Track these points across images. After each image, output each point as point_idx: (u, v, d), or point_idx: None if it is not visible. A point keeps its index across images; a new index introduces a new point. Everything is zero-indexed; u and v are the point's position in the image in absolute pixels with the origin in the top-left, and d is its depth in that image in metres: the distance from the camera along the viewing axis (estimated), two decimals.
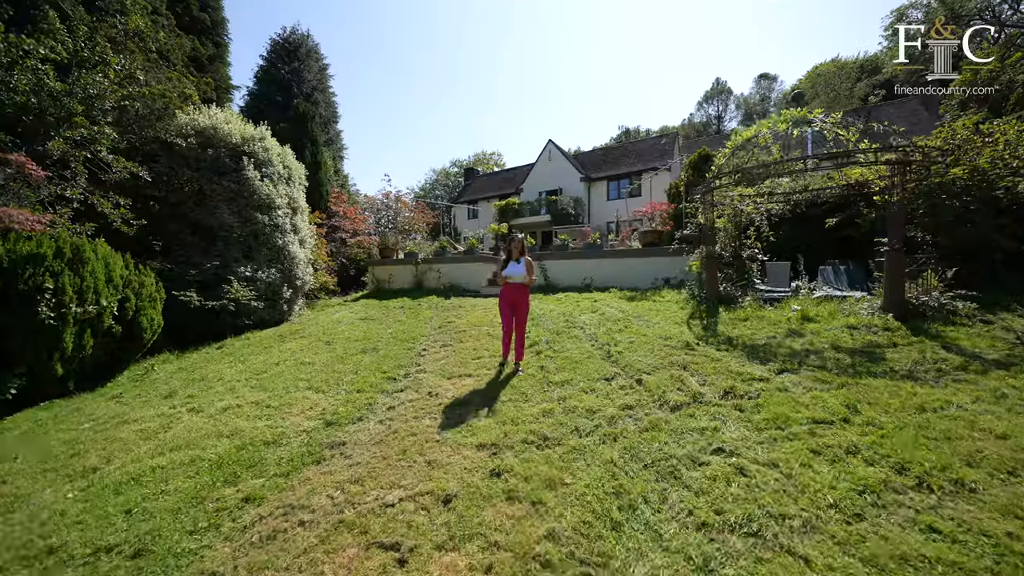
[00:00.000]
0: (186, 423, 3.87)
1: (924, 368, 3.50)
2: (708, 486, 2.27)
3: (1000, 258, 5.95)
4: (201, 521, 2.36)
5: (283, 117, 20.92)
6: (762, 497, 2.14)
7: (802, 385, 3.41)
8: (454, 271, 11.91)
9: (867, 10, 57.68)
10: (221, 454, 3.13)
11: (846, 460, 2.38)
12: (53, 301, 4.88)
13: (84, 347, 5.27)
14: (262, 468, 2.91)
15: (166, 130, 8.16)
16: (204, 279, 7.87)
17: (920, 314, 4.88)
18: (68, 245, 5.19)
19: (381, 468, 2.77)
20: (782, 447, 2.57)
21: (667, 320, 6.03)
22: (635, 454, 2.67)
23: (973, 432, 2.48)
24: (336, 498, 2.48)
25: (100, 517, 2.44)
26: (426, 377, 4.56)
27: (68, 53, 6.68)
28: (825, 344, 4.35)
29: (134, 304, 5.94)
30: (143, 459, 3.16)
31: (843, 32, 65.83)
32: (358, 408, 3.84)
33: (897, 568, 1.64)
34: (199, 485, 2.73)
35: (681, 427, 2.93)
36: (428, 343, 6.04)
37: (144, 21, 8.78)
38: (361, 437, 3.26)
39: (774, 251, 8.33)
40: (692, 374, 3.87)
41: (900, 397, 3.01)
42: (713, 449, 2.62)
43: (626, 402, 3.42)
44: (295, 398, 4.25)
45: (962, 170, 6.05)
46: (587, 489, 2.35)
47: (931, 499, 2.00)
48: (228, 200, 8.46)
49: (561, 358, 4.75)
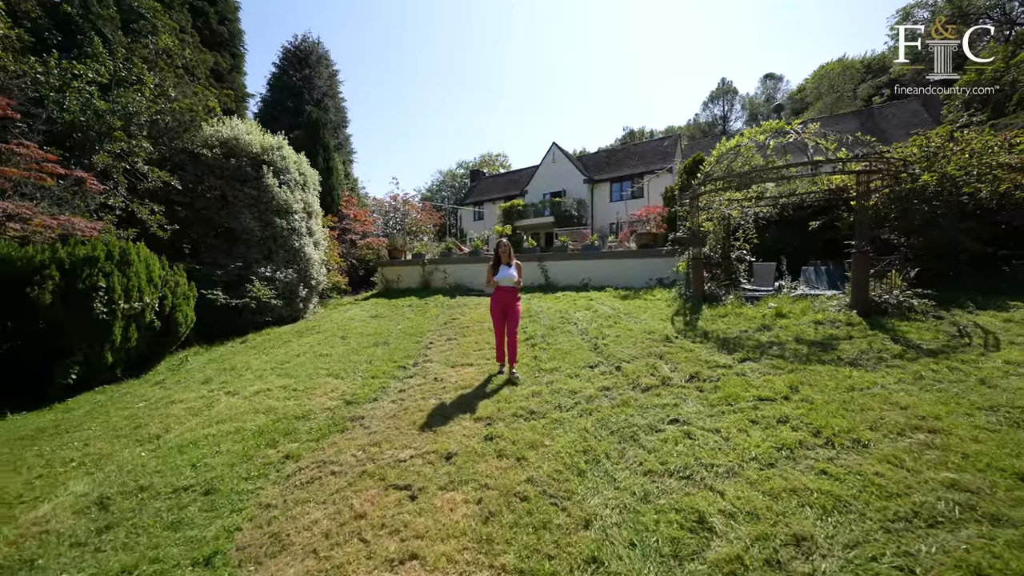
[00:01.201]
0: (225, 403, 4.48)
1: (867, 356, 3.99)
2: (659, 446, 2.81)
3: (965, 259, 6.37)
4: (252, 472, 2.95)
5: (295, 123, 21.73)
6: (700, 453, 2.66)
7: (758, 371, 3.92)
8: (459, 271, 12.50)
9: (876, 9, 57.30)
10: (260, 426, 3.73)
11: (776, 427, 2.89)
12: (105, 298, 5.54)
13: (130, 339, 5.93)
14: (296, 436, 3.50)
15: (192, 141, 8.85)
16: (228, 279, 8.54)
17: (882, 311, 5.34)
18: (116, 249, 5.85)
19: (395, 435, 3.34)
20: (727, 418, 3.09)
21: (654, 317, 6.54)
22: (605, 424, 3.21)
23: (884, 405, 2.98)
24: (359, 456, 3.05)
25: (172, 468, 3.04)
26: (432, 366, 5.13)
27: (109, 74, 7.38)
28: (789, 337, 4.84)
29: (171, 301, 6.60)
30: (195, 429, 3.78)
31: (851, 31, 65.35)
32: (373, 391, 4.42)
33: (786, 496, 2.17)
34: (246, 448, 3.33)
35: (647, 404, 3.47)
36: (434, 337, 6.62)
37: (172, 40, 9.49)
38: (377, 413, 3.84)
39: (763, 252, 8.77)
40: (666, 362, 4.39)
41: (837, 379, 3.51)
42: (670, 420, 3.15)
43: (604, 385, 3.95)
44: (317, 383, 4.85)
45: (931, 176, 6.48)
46: (562, 449, 2.90)
47: (831, 453, 2.52)
48: (249, 206, 9.13)
49: (553, 350, 5.29)
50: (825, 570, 1.71)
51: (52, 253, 5.27)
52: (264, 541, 2.24)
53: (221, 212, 8.99)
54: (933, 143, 7.08)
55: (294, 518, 2.41)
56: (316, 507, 2.50)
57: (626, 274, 10.31)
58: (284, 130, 16.41)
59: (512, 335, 4.49)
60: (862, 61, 42.05)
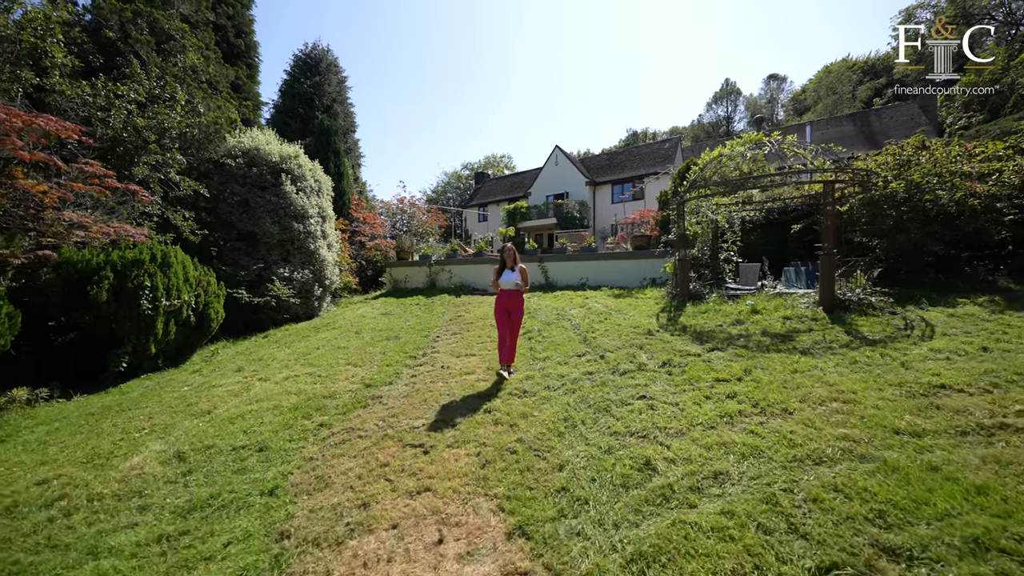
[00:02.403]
0: (260, 387, 5.16)
1: (819, 346, 4.56)
2: (626, 415, 3.42)
3: (932, 260, 6.89)
4: (294, 436, 3.61)
5: (305, 128, 22.57)
6: (658, 420, 3.28)
7: (722, 358, 4.51)
8: (464, 272, 13.15)
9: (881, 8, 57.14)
10: (294, 403, 4.39)
11: (724, 401, 3.49)
12: (150, 296, 6.25)
13: (170, 333, 6.65)
14: (325, 410, 4.16)
15: (216, 151, 9.58)
16: (250, 279, 9.26)
17: (845, 307, 5.90)
18: (159, 252, 6.57)
19: (409, 409, 3.99)
20: (686, 394, 3.70)
21: (641, 313, 7.13)
22: (584, 400, 3.83)
23: (816, 383, 3.57)
24: (380, 424, 3.70)
25: (227, 433, 3.71)
26: (439, 356, 5.78)
27: (146, 93, 8.12)
28: (757, 330, 5.42)
29: (203, 299, 7.31)
30: (239, 406, 4.45)
31: (856, 31, 65.16)
32: (388, 376, 5.08)
33: (717, 448, 2.77)
34: (285, 419, 3.99)
35: (622, 384, 4.08)
36: (441, 332, 7.27)
37: (198, 57, 10.23)
38: (393, 393, 4.49)
39: (748, 253, 9.33)
40: (644, 352, 5.00)
41: (785, 365, 4.10)
42: (639, 396, 3.77)
43: (588, 370, 4.57)
44: (338, 370, 5.51)
45: (900, 184, 7.01)
46: (547, 418, 3.52)
47: (763, 419, 3.12)
48: (270, 211, 9.85)
49: (547, 342, 5.91)
50: (731, 492, 2.32)
51: (107, 256, 6.00)
52: (311, 481, 2.89)
53: (243, 217, 9.71)
54: (906, 152, 7.62)
55: (332, 466, 3.06)
56: (349, 459, 3.15)
57: (621, 274, 10.90)
58: (295, 135, 17.27)
59: (513, 337, 4.66)
60: (866, 61, 42.22)
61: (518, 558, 2.03)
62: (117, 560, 2.19)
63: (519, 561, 2.01)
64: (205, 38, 11.32)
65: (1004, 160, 6.94)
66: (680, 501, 2.30)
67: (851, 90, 29.63)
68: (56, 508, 2.71)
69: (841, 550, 1.81)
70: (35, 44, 6.13)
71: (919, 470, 2.25)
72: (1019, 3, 28.56)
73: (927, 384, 3.27)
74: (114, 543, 2.33)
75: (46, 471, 3.21)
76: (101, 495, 2.83)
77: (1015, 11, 28.88)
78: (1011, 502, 1.94)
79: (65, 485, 2.97)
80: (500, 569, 1.98)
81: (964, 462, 2.27)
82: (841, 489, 2.19)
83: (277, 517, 2.49)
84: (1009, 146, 7.36)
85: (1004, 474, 2.15)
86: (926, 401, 3.03)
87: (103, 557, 2.21)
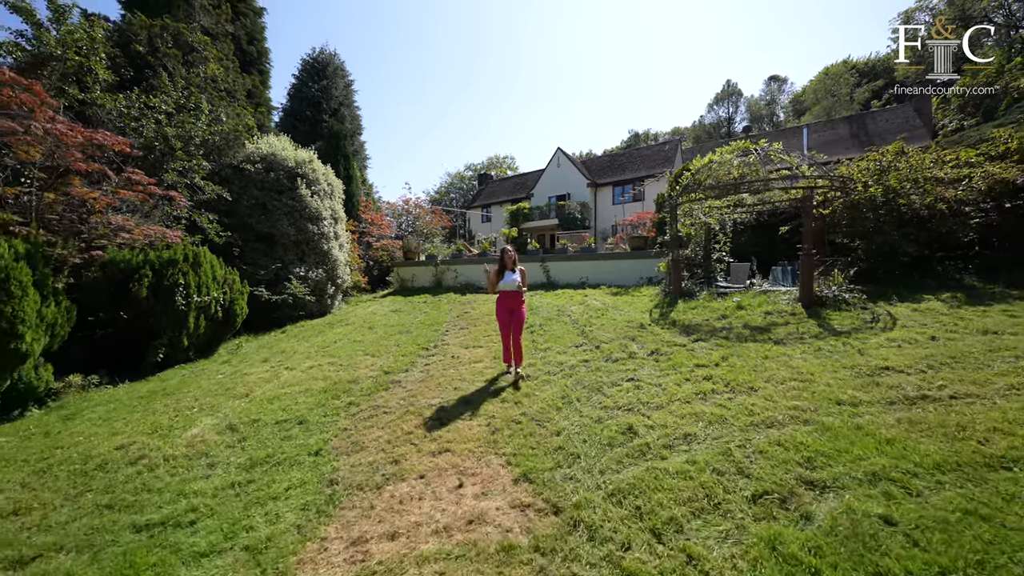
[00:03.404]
0: (288, 375, 5.71)
1: (792, 337, 5.08)
2: (616, 394, 3.95)
3: (906, 260, 7.39)
4: (327, 412, 4.16)
5: (313, 131, 23.16)
6: (642, 397, 3.81)
7: (704, 348, 5.04)
8: (469, 271, 13.70)
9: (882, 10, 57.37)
10: (322, 387, 4.94)
11: (701, 382, 4.02)
12: (183, 293, 6.82)
13: (200, 327, 7.21)
14: (351, 392, 4.71)
15: (235, 157, 10.16)
16: (269, 278, 9.84)
17: (822, 303, 6.40)
18: (191, 252, 7.14)
19: (425, 391, 4.53)
20: (669, 377, 4.23)
21: (636, 310, 7.66)
22: (580, 382, 4.36)
23: (782, 367, 4.09)
24: (401, 402, 4.25)
25: (268, 411, 4.26)
26: (449, 347, 6.32)
27: (174, 103, 8.70)
28: (739, 324, 5.94)
29: (229, 296, 7.88)
30: (273, 390, 5.01)
31: (856, 32, 65.38)
32: (404, 365, 5.62)
33: (689, 416, 3.30)
34: (317, 400, 4.54)
35: (614, 369, 4.61)
36: (449, 327, 7.81)
37: (218, 67, 10.82)
38: (409, 378, 5.04)
39: (742, 253, 9.83)
40: (635, 343, 5.53)
41: (759, 352, 4.62)
42: (627, 379, 4.30)
43: (584, 358, 5.10)
44: (358, 360, 6.07)
45: (877, 189, 7.51)
46: (547, 397, 4.06)
47: (731, 395, 3.64)
48: (286, 214, 10.42)
49: (548, 335, 6.45)
50: (696, 448, 2.85)
51: (145, 256, 6.57)
52: (348, 445, 3.44)
53: (261, 219, 10.28)
54: (886, 158, 8.11)
55: (364, 434, 3.61)
56: (377, 429, 3.70)
57: (619, 273, 11.42)
58: (304, 138, 17.87)
59: (516, 337, 4.68)
60: (867, 63, 42.55)
61: (522, 495, 2.57)
62: (202, 499, 2.74)
63: (523, 497, 2.55)
64: (224, 48, 11.91)
65: (974, 167, 7.43)
66: (654, 455, 2.83)
67: (849, 92, 30.02)
68: (140, 465, 3.27)
69: (773, 483, 2.34)
70: (80, 62, 6.70)
71: (847, 429, 2.78)
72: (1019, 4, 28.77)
73: (874, 366, 3.79)
74: (196, 488, 2.88)
75: (120, 439, 3.77)
76: (174, 456, 3.39)
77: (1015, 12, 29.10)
78: (908, 449, 2.46)
79: (141, 449, 3.53)
80: (508, 503, 2.52)
81: (883, 423, 2.80)
82: (783, 444, 2.72)
83: (325, 470, 3.04)
84: (980, 153, 7.86)
85: (911, 431, 2.67)
86: (869, 380, 3.55)
87: (191, 497, 2.77)
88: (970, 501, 2.01)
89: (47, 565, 2.19)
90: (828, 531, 1.95)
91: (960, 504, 2.00)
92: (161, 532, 2.43)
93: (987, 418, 2.70)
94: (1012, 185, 6.70)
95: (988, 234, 7.11)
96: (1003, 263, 6.67)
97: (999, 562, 1.67)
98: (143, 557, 2.20)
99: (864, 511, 2.02)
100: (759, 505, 2.21)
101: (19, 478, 3.15)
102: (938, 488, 2.14)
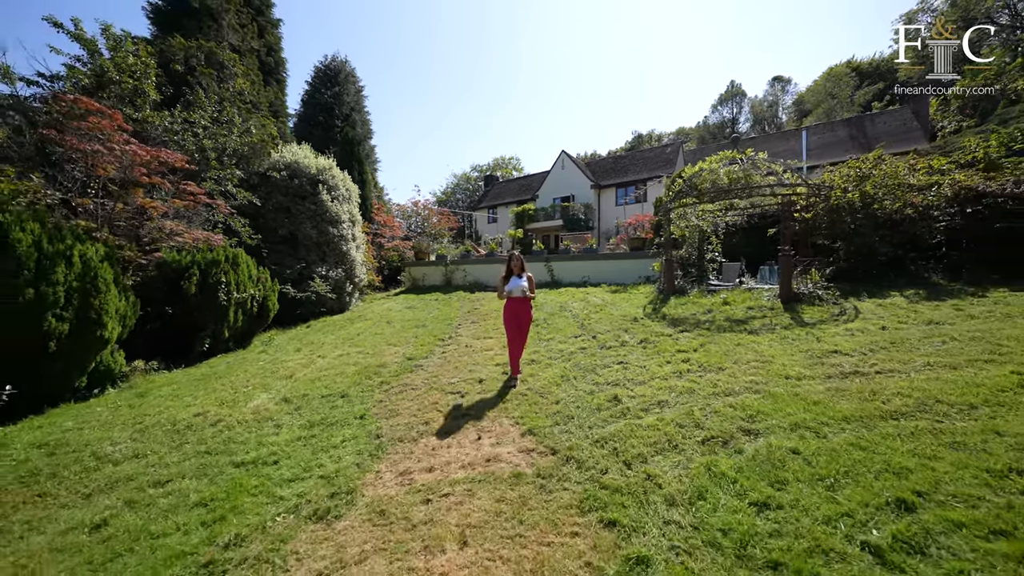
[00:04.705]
0: (321, 362, 6.50)
1: (765, 327, 5.77)
2: (606, 373, 4.68)
3: (883, 259, 8.02)
4: (364, 389, 4.93)
5: (326, 136, 24.05)
6: (629, 375, 4.53)
7: (687, 337, 5.74)
8: (477, 271, 14.46)
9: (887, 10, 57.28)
10: (355, 370, 5.72)
11: (679, 364, 4.73)
12: (225, 289, 7.64)
13: (238, 320, 8.04)
14: (381, 374, 5.48)
15: (261, 165, 11.01)
16: (294, 276, 10.68)
17: (799, 299, 7.07)
18: (231, 254, 7.97)
19: (445, 372, 5.29)
20: (653, 360, 4.94)
21: (632, 305, 8.37)
22: (577, 365, 5.09)
23: (749, 352, 4.79)
24: (425, 381, 5.01)
25: (313, 388, 5.05)
26: (463, 338, 7.08)
27: (210, 118, 9.55)
28: (722, 317, 6.63)
29: (262, 293, 8.70)
30: (313, 373, 5.79)
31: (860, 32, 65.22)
32: (424, 352, 6.39)
33: (666, 390, 4.02)
34: (352, 380, 5.31)
35: (607, 355, 5.34)
36: (461, 321, 8.57)
37: (245, 82, 11.67)
38: (430, 363, 5.80)
39: (735, 254, 10.48)
40: (628, 333, 6.25)
41: (733, 340, 5.32)
42: (618, 362, 5.02)
43: (582, 346, 5.83)
44: (382, 349, 6.84)
45: (855, 194, 8.15)
46: (548, 377, 4.79)
47: (702, 373, 4.35)
48: (309, 217, 11.26)
49: (551, 328, 7.19)
50: (666, 411, 3.57)
51: (192, 257, 7.40)
52: (385, 412, 4.20)
53: (285, 222, 11.13)
54: (866, 165, 8.74)
55: (397, 404, 4.37)
56: (408, 401, 4.46)
57: (619, 273, 12.12)
58: (317, 143, 18.73)
59: (521, 344, 4.75)
60: (870, 63, 42.72)
61: (528, 444, 3.31)
62: (278, 448, 3.51)
63: (529, 445, 3.29)
64: (249, 63, 12.78)
65: (945, 174, 8.04)
66: (632, 415, 3.56)
67: (849, 94, 30.38)
68: (219, 426, 4.06)
69: (720, 431, 3.06)
70: (135, 85, 7.56)
71: (787, 395, 3.49)
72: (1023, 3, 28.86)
73: (825, 350, 4.49)
74: (271, 440, 3.66)
75: (195, 409, 4.57)
76: (244, 420, 4.18)
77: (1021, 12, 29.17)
78: (827, 408, 3.17)
79: (216, 415, 4.33)
80: (517, 449, 3.26)
81: (816, 391, 3.51)
82: (734, 407, 3.43)
83: (370, 429, 3.81)
84: (952, 161, 8.46)
85: (835, 395, 3.38)
86: (817, 360, 4.25)
87: (269, 446, 3.54)
88: (858, 439, 2.72)
89: (178, 486, 2.97)
90: (750, 458, 2.67)
91: (849, 440, 2.71)
92: (254, 468, 3.20)
93: (896, 386, 3.40)
94: (974, 192, 7.31)
95: (957, 236, 7.72)
96: (966, 263, 7.28)
97: (859, 471, 2.38)
98: (247, 481, 2.97)
99: (779, 446, 2.74)
100: (706, 445, 2.94)
101: (127, 435, 3.96)
102: (840, 432, 2.85)
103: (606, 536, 2.16)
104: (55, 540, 2.42)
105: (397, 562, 2.11)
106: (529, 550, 2.12)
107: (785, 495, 2.29)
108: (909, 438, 2.68)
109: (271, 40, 18.17)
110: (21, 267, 4.51)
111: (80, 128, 5.46)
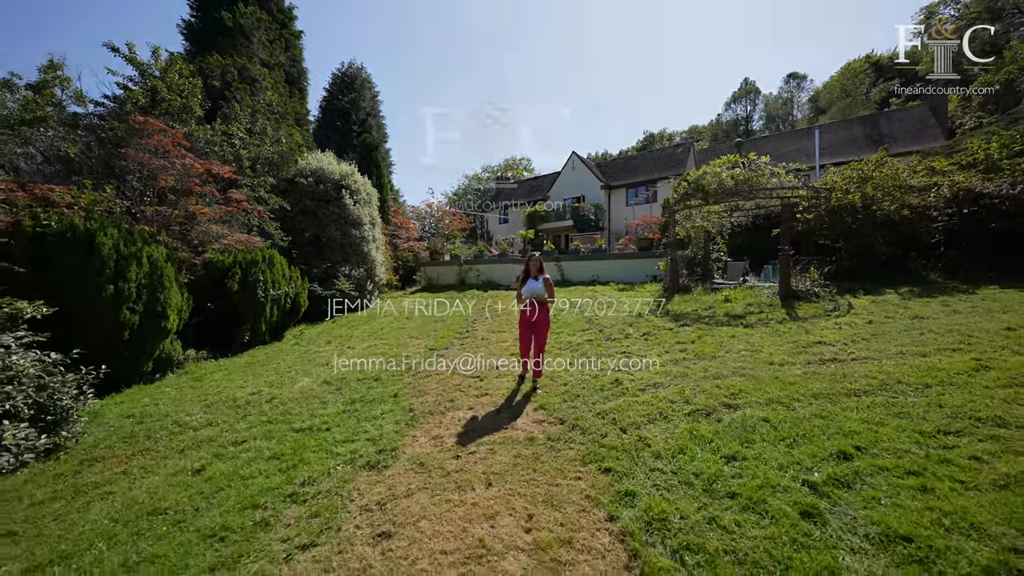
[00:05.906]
0: (351, 352, 7.16)
1: (760, 322, 6.21)
2: (610, 361, 5.20)
3: (882, 258, 8.33)
4: (393, 373, 5.55)
5: (343, 140, 24.98)
6: (630, 363, 5.04)
7: (687, 330, 6.22)
8: (490, 270, 15.06)
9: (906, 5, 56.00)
10: (384, 359, 6.35)
11: (676, 353, 5.22)
12: (263, 287, 8.38)
13: (273, 315, 8.78)
14: (408, 360, 6.10)
15: (288, 171, 11.79)
16: (320, 275, 11.43)
17: (797, 296, 7.46)
18: (267, 255, 8.71)
19: (464, 360, 5.88)
20: (654, 350, 5.44)
21: (638, 303, 8.84)
22: (584, 355, 5.62)
23: (741, 343, 5.25)
24: (448, 366, 5.61)
25: (348, 373, 5.69)
26: (479, 332, 7.67)
27: (245, 130, 10.35)
28: (721, 313, 7.08)
29: (294, 290, 9.44)
30: (345, 361, 6.44)
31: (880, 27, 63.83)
32: (444, 344, 6.99)
33: (662, 374, 4.53)
34: (381, 366, 5.94)
35: (611, 346, 5.85)
36: (476, 317, 9.17)
37: (274, 94, 12.50)
38: (450, 352, 6.40)
39: (740, 253, 10.86)
40: (632, 327, 6.74)
41: (728, 333, 5.78)
42: (621, 352, 5.54)
43: (589, 339, 6.36)
44: (406, 342, 7.48)
45: (856, 196, 8.48)
46: (559, 364, 5.34)
47: (696, 361, 4.84)
48: (333, 220, 12.00)
49: (561, 323, 7.72)
50: (661, 391, 4.09)
51: (234, 258, 8.15)
52: (414, 392, 4.80)
53: (310, 225, 11.89)
54: (868, 167, 9.05)
55: (424, 386, 4.97)
56: (433, 383, 5.06)
57: (627, 272, 12.57)
58: (335, 147, 19.58)
59: (538, 350, 4.51)
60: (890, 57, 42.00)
61: (540, 416, 3.87)
62: (327, 418, 4.14)
63: (540, 417, 3.85)
64: (276, 76, 13.63)
65: (945, 175, 8.30)
66: (630, 394, 4.09)
67: (865, 92, 30.05)
68: (274, 402, 4.72)
69: (704, 406, 3.57)
70: (183, 103, 8.36)
71: (768, 377, 3.97)
72: None
73: (811, 341, 4.93)
74: (321, 413, 4.30)
75: (249, 388, 5.25)
76: (294, 397, 4.84)
77: None
78: (801, 387, 3.65)
79: (269, 394, 4.99)
80: (531, 420, 3.82)
81: (794, 373, 3.98)
82: (721, 388, 3.93)
83: (404, 404, 4.41)
84: (953, 162, 8.71)
85: (810, 377, 3.85)
86: (802, 350, 4.70)
87: (320, 417, 4.18)
88: (821, 411, 3.20)
89: (253, 445, 3.62)
90: (727, 425, 3.18)
91: (813, 412, 3.19)
92: (311, 432, 3.83)
93: (865, 370, 3.85)
94: (973, 193, 7.58)
95: (956, 236, 8.00)
96: (963, 262, 7.56)
97: (815, 434, 2.88)
98: (308, 441, 3.60)
99: (753, 415, 3.24)
100: (692, 416, 3.45)
101: (198, 409, 4.65)
102: (807, 406, 3.33)
103: (602, 478, 2.70)
104: (168, 479, 3.07)
105: (437, 496, 2.70)
106: (541, 488, 2.68)
107: (750, 451, 2.80)
108: (865, 410, 3.15)
109: (295, 52, 19.05)
110: (104, 267, 5.26)
111: (146, 145, 6.20)
